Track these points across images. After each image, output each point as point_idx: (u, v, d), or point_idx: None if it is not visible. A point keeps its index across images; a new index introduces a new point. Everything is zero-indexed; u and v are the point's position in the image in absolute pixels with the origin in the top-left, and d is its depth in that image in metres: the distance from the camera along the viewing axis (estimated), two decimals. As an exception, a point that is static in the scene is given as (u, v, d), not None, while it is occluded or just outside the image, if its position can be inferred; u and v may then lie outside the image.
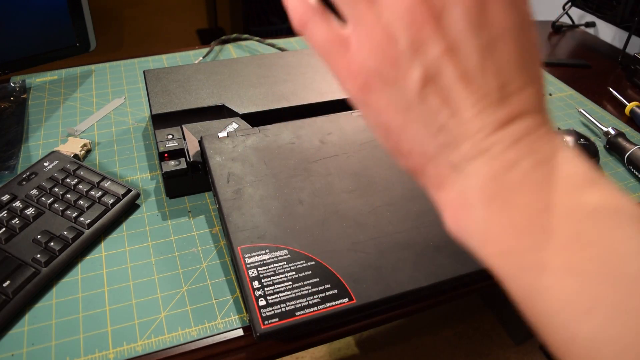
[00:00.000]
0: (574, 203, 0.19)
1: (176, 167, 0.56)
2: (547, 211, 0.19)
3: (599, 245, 0.18)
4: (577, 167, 0.20)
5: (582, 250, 0.18)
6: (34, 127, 0.70)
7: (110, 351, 0.44)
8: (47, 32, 0.72)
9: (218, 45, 0.92)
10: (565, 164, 0.20)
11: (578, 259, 0.18)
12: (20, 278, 0.47)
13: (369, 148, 0.58)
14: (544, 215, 0.19)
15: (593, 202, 0.19)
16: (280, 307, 0.44)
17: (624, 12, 0.92)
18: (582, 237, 0.18)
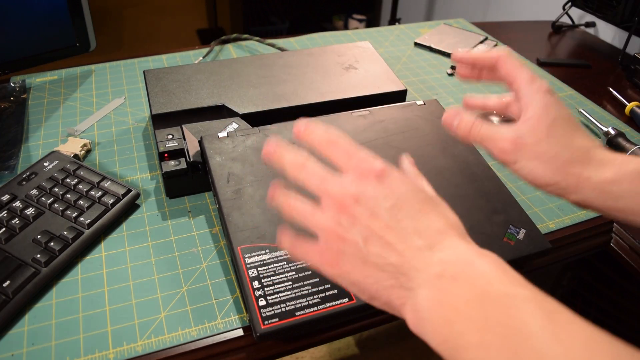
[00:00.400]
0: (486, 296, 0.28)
1: (176, 167, 0.56)
2: (468, 305, 0.27)
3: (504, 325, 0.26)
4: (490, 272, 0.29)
5: (491, 330, 0.26)
6: (34, 127, 0.70)
7: (110, 351, 0.44)
8: (47, 32, 0.72)
9: (218, 45, 0.92)
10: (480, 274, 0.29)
11: (489, 337, 0.26)
12: (20, 278, 0.47)
13: (369, 148, 0.58)
14: (466, 309, 0.27)
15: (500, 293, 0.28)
16: (280, 307, 0.44)
17: (624, 12, 0.92)
18: (489, 321, 0.26)
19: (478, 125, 0.39)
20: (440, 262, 0.30)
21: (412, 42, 0.98)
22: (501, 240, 0.50)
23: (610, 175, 0.36)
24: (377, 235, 0.31)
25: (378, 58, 0.76)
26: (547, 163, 0.37)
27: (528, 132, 0.38)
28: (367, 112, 0.63)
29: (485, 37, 1.00)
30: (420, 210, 0.32)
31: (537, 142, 0.37)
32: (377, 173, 0.32)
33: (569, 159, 0.37)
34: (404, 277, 0.30)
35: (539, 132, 0.37)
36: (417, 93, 0.82)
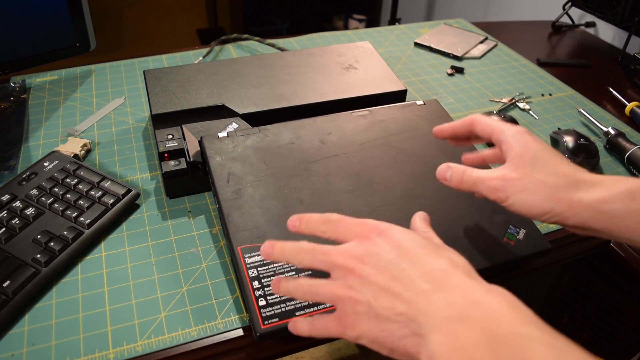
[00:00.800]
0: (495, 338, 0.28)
1: (176, 167, 0.56)
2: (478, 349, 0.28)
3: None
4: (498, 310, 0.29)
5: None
6: (34, 127, 0.70)
7: (110, 351, 0.44)
8: (47, 32, 0.72)
9: (218, 45, 0.92)
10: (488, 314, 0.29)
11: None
12: (20, 278, 0.47)
13: (369, 148, 0.58)
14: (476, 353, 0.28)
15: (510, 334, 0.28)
16: (280, 307, 0.44)
17: (624, 12, 0.92)
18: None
19: (469, 172, 0.42)
20: (448, 304, 0.30)
21: (412, 42, 0.98)
22: (501, 240, 0.50)
23: (602, 195, 0.37)
24: (384, 288, 0.32)
25: (378, 58, 0.76)
26: (536, 193, 0.38)
27: (514, 169, 0.40)
28: (367, 112, 0.63)
29: (485, 37, 1.00)
30: (422, 255, 0.33)
31: (524, 175, 0.39)
32: (378, 232, 0.35)
33: (557, 185, 0.38)
34: (415, 324, 0.30)
35: (524, 166, 0.39)
36: (417, 93, 0.82)
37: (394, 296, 0.32)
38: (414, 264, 0.32)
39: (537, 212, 0.39)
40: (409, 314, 0.31)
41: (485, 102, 0.81)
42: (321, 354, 1.24)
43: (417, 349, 0.30)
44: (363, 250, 0.34)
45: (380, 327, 0.32)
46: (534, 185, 0.38)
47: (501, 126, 0.43)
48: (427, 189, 0.54)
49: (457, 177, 0.43)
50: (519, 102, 0.80)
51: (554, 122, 0.77)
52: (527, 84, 0.87)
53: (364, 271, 0.33)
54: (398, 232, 0.35)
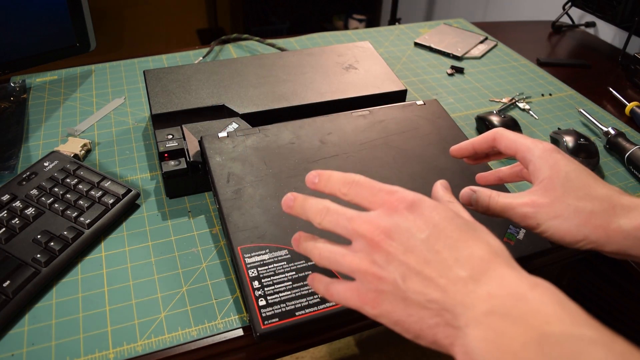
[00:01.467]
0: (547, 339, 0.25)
1: (176, 167, 0.56)
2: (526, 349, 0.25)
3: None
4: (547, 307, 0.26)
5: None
6: (34, 127, 0.70)
7: (110, 351, 0.44)
8: (47, 32, 0.72)
9: (218, 45, 0.92)
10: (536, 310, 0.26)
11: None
12: (20, 278, 0.47)
13: (369, 148, 0.58)
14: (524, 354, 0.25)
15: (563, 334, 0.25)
16: (280, 307, 0.44)
17: (624, 12, 0.92)
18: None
19: (495, 197, 0.39)
20: (489, 296, 0.27)
21: (412, 42, 0.98)
22: (501, 240, 0.50)
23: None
24: (415, 270, 0.29)
25: (378, 58, 0.76)
26: (570, 220, 0.36)
27: (543, 193, 0.37)
28: (367, 112, 0.63)
29: (485, 37, 1.00)
30: (459, 238, 0.30)
31: (555, 201, 0.36)
32: (408, 204, 0.31)
33: (592, 211, 0.36)
34: (450, 315, 0.28)
35: (554, 190, 0.37)
36: (417, 93, 0.82)
37: (427, 281, 0.29)
38: (450, 247, 0.29)
39: (571, 240, 0.36)
40: (443, 303, 0.28)
41: (485, 102, 0.81)
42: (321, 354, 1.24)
43: (451, 340, 0.28)
44: (392, 224, 0.30)
45: (407, 311, 0.29)
46: (567, 211, 0.36)
47: (527, 143, 0.40)
48: (427, 189, 0.54)
49: (483, 203, 0.39)
50: (519, 102, 0.80)
51: (554, 122, 0.77)
52: (527, 84, 0.87)
53: (392, 247, 0.30)
54: (431, 206, 0.31)
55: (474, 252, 0.29)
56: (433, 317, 0.29)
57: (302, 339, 0.47)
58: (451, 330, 0.28)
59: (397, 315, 0.30)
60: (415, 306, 0.29)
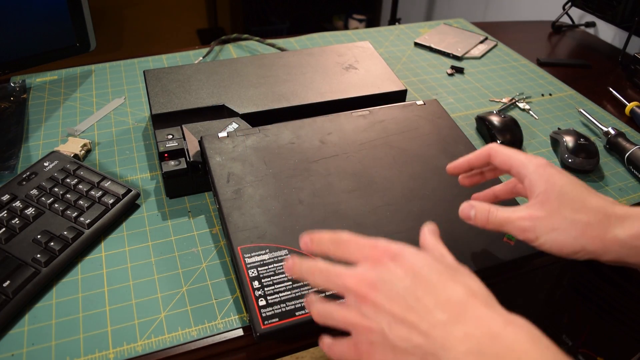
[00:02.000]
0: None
1: (176, 167, 0.56)
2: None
3: None
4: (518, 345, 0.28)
5: None
6: (34, 127, 0.70)
7: (110, 351, 0.44)
8: (47, 32, 0.72)
9: (218, 45, 0.92)
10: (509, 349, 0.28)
11: None
12: (20, 278, 0.47)
13: (369, 148, 0.58)
14: None
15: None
16: (280, 307, 0.44)
17: (624, 12, 0.92)
18: None
19: (494, 211, 0.41)
20: (466, 337, 0.29)
21: (412, 42, 0.98)
22: (501, 240, 0.50)
23: (637, 230, 0.36)
24: (399, 318, 0.31)
25: (378, 58, 0.76)
26: (567, 232, 0.37)
27: (540, 207, 0.38)
28: (367, 112, 0.63)
29: (485, 37, 1.00)
30: (439, 282, 0.32)
31: (551, 214, 0.38)
32: (390, 255, 0.33)
33: (587, 222, 0.37)
34: (433, 358, 0.30)
35: (550, 204, 0.38)
36: (417, 93, 0.82)
37: (410, 327, 0.30)
38: (429, 292, 0.31)
39: (569, 252, 0.38)
40: (427, 347, 0.30)
41: (485, 102, 0.81)
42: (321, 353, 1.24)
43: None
44: (375, 276, 0.33)
45: (396, 358, 0.31)
46: (564, 224, 0.37)
47: (521, 159, 0.41)
48: (427, 189, 0.54)
49: (482, 218, 0.41)
50: (519, 102, 0.80)
51: (554, 122, 0.77)
52: (527, 84, 0.87)
53: (378, 299, 0.32)
54: (411, 255, 0.33)
55: (452, 295, 0.31)
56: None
57: (302, 339, 0.47)
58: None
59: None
60: (403, 353, 0.31)
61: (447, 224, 0.51)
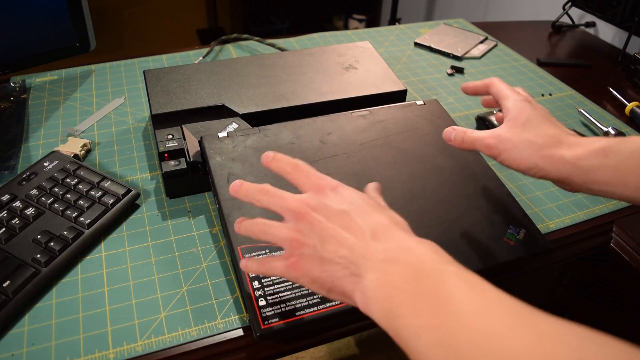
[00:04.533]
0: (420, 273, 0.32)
1: (176, 167, 0.56)
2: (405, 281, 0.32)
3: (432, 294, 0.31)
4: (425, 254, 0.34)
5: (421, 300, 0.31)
6: (34, 127, 0.70)
7: (110, 351, 0.44)
8: (47, 32, 0.72)
9: (218, 45, 0.92)
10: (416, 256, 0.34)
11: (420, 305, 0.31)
12: (20, 278, 0.47)
13: (369, 148, 0.58)
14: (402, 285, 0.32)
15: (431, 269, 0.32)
16: (280, 307, 0.44)
17: (624, 12, 0.92)
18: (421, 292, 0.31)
19: (469, 132, 0.48)
20: (384, 250, 0.34)
21: (412, 42, 0.98)
22: (501, 240, 0.50)
23: (580, 152, 0.42)
24: (331, 234, 0.36)
25: (378, 58, 0.76)
26: (524, 151, 0.44)
27: (507, 130, 0.45)
28: (367, 112, 0.63)
29: (485, 37, 1.00)
30: (369, 211, 0.37)
31: (515, 135, 0.45)
32: (332, 187, 0.38)
33: (542, 144, 0.44)
34: (354, 266, 0.34)
35: (516, 127, 0.45)
36: (417, 93, 0.82)
37: (339, 242, 0.35)
38: (360, 217, 0.36)
39: (524, 167, 0.44)
40: (350, 257, 0.35)
41: (485, 102, 0.81)
42: (321, 354, 1.24)
43: (353, 287, 0.34)
44: (317, 202, 0.37)
45: (322, 267, 0.35)
46: (523, 144, 0.44)
47: (507, 92, 0.48)
48: (427, 189, 0.54)
49: (459, 137, 0.48)
50: (519, 102, 0.80)
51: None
52: (527, 84, 0.87)
53: (314, 218, 0.36)
54: (349, 191, 0.38)
55: (378, 221, 0.36)
56: (342, 270, 0.35)
57: (302, 339, 0.47)
58: (354, 279, 0.34)
59: (314, 273, 0.36)
60: (329, 263, 0.35)
61: (447, 224, 0.51)
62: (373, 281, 0.33)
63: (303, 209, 0.37)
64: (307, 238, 0.36)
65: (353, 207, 0.37)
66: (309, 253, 0.36)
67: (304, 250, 0.36)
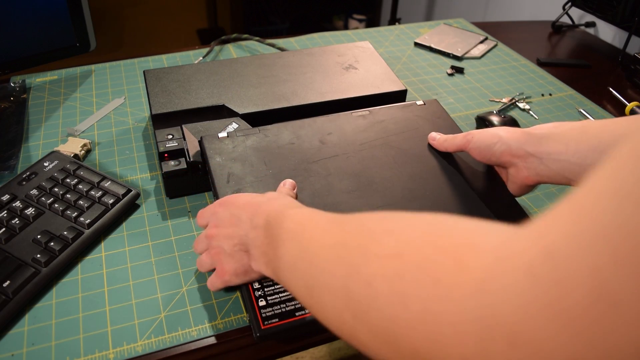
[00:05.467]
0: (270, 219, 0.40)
1: (176, 167, 0.56)
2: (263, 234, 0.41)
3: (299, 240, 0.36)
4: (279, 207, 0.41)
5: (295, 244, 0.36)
6: (34, 127, 0.70)
7: (110, 351, 0.44)
8: (47, 32, 0.72)
9: (218, 45, 0.92)
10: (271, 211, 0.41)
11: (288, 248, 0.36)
12: (20, 278, 0.47)
13: (369, 148, 0.58)
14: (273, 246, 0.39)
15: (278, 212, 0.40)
16: (280, 307, 0.44)
17: (624, 12, 0.92)
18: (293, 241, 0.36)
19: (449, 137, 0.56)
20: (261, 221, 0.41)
21: (412, 42, 0.98)
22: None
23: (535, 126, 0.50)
24: (226, 235, 0.44)
25: (378, 58, 0.76)
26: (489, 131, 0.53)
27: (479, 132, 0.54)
28: (367, 112, 0.63)
29: (485, 37, 1.00)
30: (246, 201, 0.45)
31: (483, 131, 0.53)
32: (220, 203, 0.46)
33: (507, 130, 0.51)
34: (244, 246, 0.43)
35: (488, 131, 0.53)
36: (417, 93, 0.82)
37: (232, 236, 0.43)
38: (239, 209, 0.44)
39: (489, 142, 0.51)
40: (241, 243, 0.43)
41: (485, 102, 0.81)
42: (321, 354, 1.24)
43: (249, 261, 0.42)
44: (213, 220, 0.46)
45: (234, 260, 0.43)
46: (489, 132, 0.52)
47: None
48: (427, 189, 0.54)
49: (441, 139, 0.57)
50: (519, 102, 0.80)
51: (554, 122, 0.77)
52: (527, 84, 0.87)
53: (214, 232, 0.45)
54: (233, 196, 0.46)
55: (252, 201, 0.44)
56: (242, 254, 0.43)
57: (302, 339, 0.47)
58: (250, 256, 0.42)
59: (233, 268, 0.44)
60: (235, 255, 0.43)
61: (447, 224, 0.51)
62: (253, 248, 0.42)
63: (208, 232, 0.46)
64: (217, 248, 0.45)
65: (233, 206, 0.45)
66: (222, 258, 0.44)
67: (220, 257, 0.44)
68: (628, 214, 0.17)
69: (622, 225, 0.17)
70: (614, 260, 0.17)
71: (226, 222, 0.44)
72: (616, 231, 0.18)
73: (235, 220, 0.44)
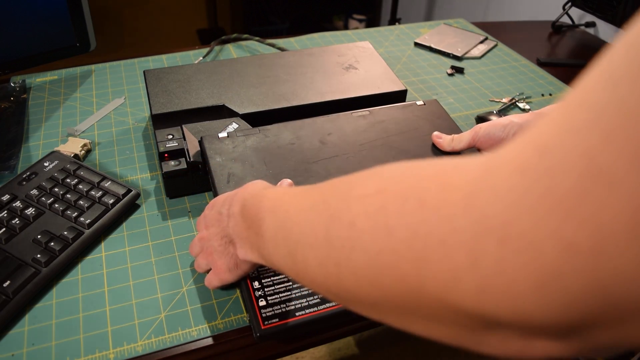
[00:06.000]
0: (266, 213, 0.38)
1: (176, 167, 0.56)
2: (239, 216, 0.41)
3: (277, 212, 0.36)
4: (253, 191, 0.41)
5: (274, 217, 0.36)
6: (34, 127, 0.70)
7: (110, 351, 0.44)
8: (47, 32, 0.72)
9: (218, 45, 0.92)
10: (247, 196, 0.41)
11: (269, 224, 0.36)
12: (20, 278, 0.47)
13: (369, 148, 0.58)
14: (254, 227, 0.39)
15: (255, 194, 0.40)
16: (281, 307, 0.44)
17: (624, 12, 0.92)
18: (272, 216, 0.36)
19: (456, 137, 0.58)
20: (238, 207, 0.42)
21: (412, 42, 0.98)
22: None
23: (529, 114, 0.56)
24: (215, 234, 0.45)
25: (378, 58, 0.76)
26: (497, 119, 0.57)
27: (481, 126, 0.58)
28: (367, 112, 0.63)
29: (485, 37, 1.00)
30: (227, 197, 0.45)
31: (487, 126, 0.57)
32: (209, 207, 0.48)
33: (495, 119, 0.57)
34: (229, 238, 0.44)
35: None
36: (417, 93, 0.82)
37: (220, 234, 0.44)
38: (222, 206, 0.45)
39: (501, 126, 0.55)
40: (225, 235, 0.44)
41: (485, 102, 0.81)
42: (321, 354, 1.24)
43: (236, 251, 0.43)
44: (203, 222, 0.48)
45: (224, 255, 0.44)
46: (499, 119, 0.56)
47: None
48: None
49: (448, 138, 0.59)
50: (519, 102, 0.80)
51: None
52: (527, 84, 0.87)
53: (205, 233, 0.47)
54: (221, 196, 0.47)
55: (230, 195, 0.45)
56: (229, 246, 0.44)
57: (302, 339, 0.47)
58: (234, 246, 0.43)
59: (225, 263, 0.45)
60: (225, 250, 0.44)
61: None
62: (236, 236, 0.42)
63: (201, 235, 0.48)
64: (210, 248, 0.46)
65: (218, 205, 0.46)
66: (215, 256, 0.45)
67: (213, 256, 0.46)
68: (621, 95, 0.17)
69: (615, 106, 0.17)
70: (606, 139, 0.16)
71: (213, 221, 0.45)
72: (608, 112, 0.17)
73: (218, 216, 0.45)
